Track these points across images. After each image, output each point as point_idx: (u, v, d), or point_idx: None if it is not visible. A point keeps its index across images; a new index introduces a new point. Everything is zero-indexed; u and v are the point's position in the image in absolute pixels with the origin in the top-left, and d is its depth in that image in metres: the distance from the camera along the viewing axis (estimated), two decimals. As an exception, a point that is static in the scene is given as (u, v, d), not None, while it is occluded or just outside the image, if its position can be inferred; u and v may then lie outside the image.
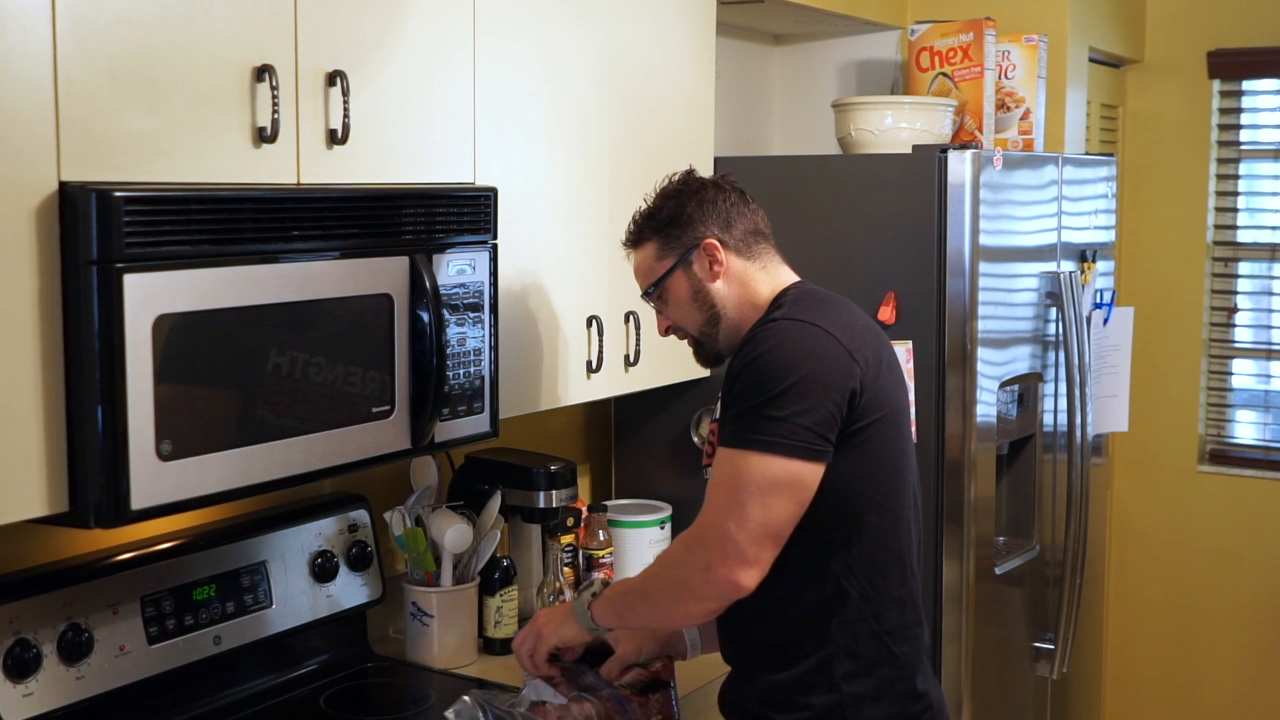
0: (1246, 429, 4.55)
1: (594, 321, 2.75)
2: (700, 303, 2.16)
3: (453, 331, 2.30)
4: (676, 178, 2.23)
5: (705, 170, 3.02)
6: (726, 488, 1.96)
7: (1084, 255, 3.49)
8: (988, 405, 3.06)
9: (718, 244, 2.14)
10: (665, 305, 2.21)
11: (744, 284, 2.16)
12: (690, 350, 2.26)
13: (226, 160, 1.96)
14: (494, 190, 2.41)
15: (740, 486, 1.94)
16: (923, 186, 2.98)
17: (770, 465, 1.93)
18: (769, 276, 2.17)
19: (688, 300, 2.17)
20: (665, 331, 2.25)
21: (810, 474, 1.95)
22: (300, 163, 2.07)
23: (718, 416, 2.13)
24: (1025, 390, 3.29)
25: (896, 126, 3.34)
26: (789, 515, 1.95)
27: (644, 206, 2.23)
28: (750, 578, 1.94)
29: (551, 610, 2.25)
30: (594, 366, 2.76)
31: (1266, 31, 4.27)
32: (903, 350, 3.01)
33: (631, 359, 2.87)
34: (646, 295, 2.22)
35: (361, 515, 2.65)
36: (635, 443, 3.37)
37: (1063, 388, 3.37)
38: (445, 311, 2.26)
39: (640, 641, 2.25)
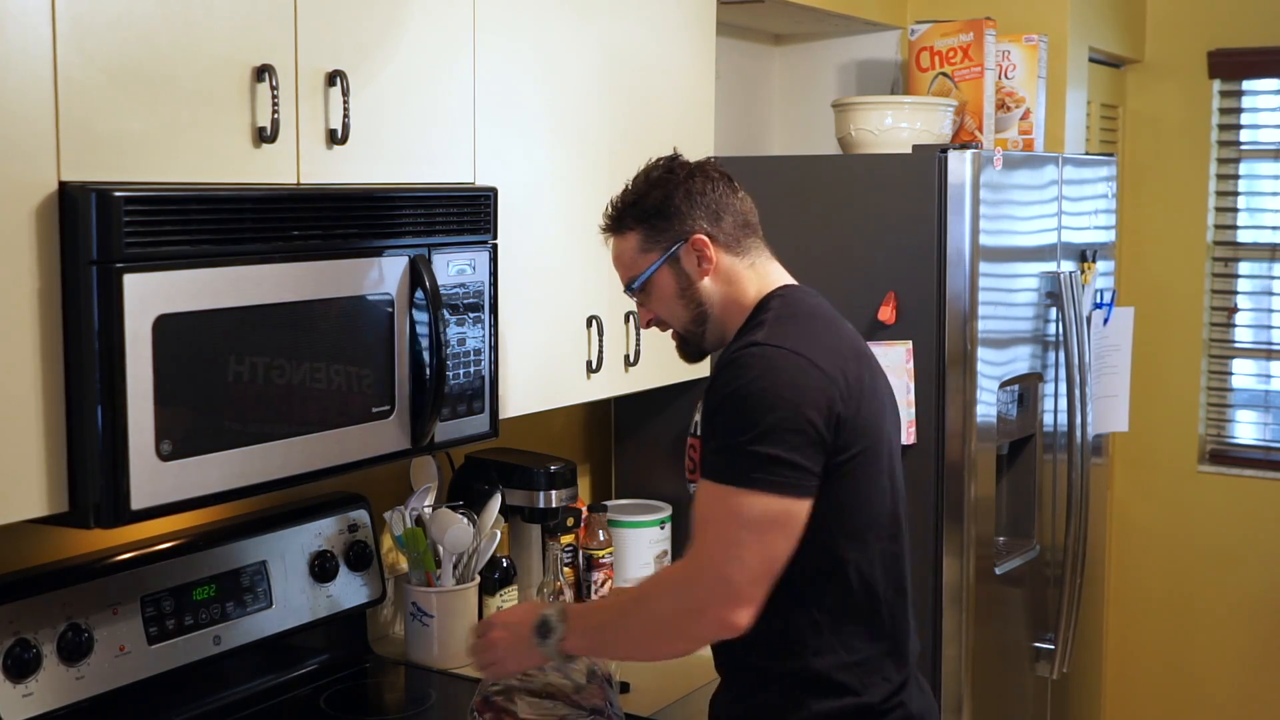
0: (1246, 429, 4.55)
1: (594, 321, 2.75)
2: (687, 300, 2.07)
3: (453, 331, 2.30)
4: (660, 162, 2.12)
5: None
6: (719, 527, 1.89)
7: (1084, 255, 3.49)
8: (988, 405, 3.06)
9: (707, 240, 2.04)
10: (649, 299, 2.11)
11: (731, 282, 2.06)
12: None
13: (226, 160, 1.96)
14: (494, 190, 2.41)
15: (735, 526, 1.88)
16: (923, 186, 2.98)
17: (765, 504, 1.86)
18: (756, 276, 2.08)
19: (673, 296, 2.08)
20: (648, 324, 2.16)
21: (801, 510, 1.89)
22: (300, 162, 2.07)
23: (696, 432, 2.05)
24: (1025, 390, 3.30)
25: (896, 126, 3.34)
26: (785, 553, 1.90)
27: (625, 191, 2.11)
28: (746, 617, 1.89)
29: (514, 639, 2.07)
30: (594, 366, 2.76)
31: (1266, 31, 4.27)
32: (903, 350, 3.01)
33: (631, 359, 2.87)
34: (630, 290, 2.11)
35: (361, 515, 2.65)
36: (635, 443, 3.37)
37: (1063, 388, 3.37)
38: (445, 311, 2.26)
39: None
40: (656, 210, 2.06)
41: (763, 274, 2.08)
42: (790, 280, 2.11)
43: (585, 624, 2.03)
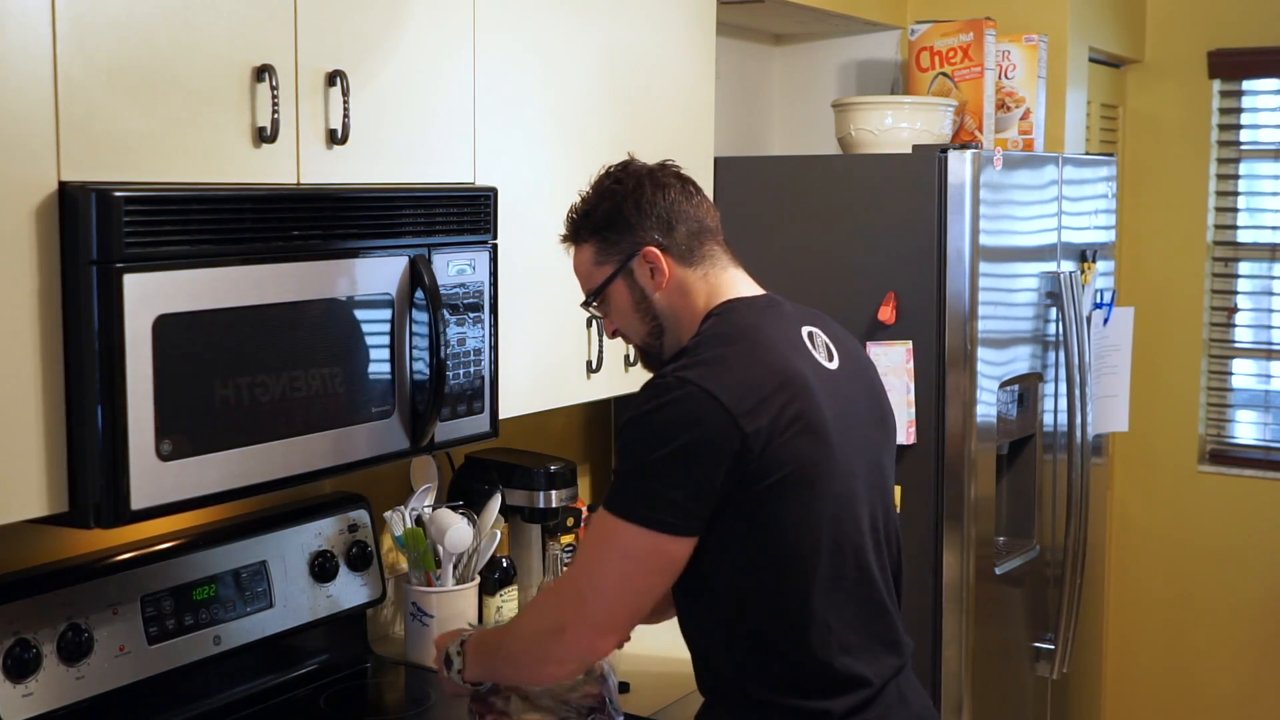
0: (1246, 429, 4.55)
1: (594, 322, 2.75)
2: (642, 313, 2.03)
3: (453, 331, 2.30)
4: (611, 170, 2.08)
5: (703, 169, 3.03)
6: (592, 552, 1.91)
7: (1084, 255, 3.49)
8: (988, 405, 3.06)
9: (659, 252, 1.99)
10: (608, 310, 2.07)
11: (684, 294, 2.01)
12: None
13: (226, 160, 1.96)
14: (494, 190, 2.41)
15: (606, 554, 1.88)
16: (923, 186, 2.98)
17: (639, 538, 1.84)
18: (707, 287, 2.01)
19: (629, 310, 2.04)
20: (613, 334, 2.12)
21: (676, 548, 1.85)
22: (300, 162, 2.07)
23: None
24: (1025, 390, 3.30)
25: (896, 126, 3.34)
26: (649, 588, 1.88)
27: (580, 200, 2.07)
28: (606, 643, 1.90)
29: (439, 668, 2.15)
30: (594, 366, 2.76)
31: (1266, 31, 4.27)
32: (903, 350, 3.01)
33: (631, 359, 2.86)
34: (587, 303, 2.08)
35: (361, 515, 2.65)
36: (635, 443, 3.37)
37: (1063, 388, 3.37)
38: (445, 311, 2.26)
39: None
40: (607, 222, 2.02)
41: (713, 285, 2.02)
42: (743, 290, 2.04)
43: (478, 652, 2.07)
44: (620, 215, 2.01)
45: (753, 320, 1.98)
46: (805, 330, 2.01)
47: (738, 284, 2.04)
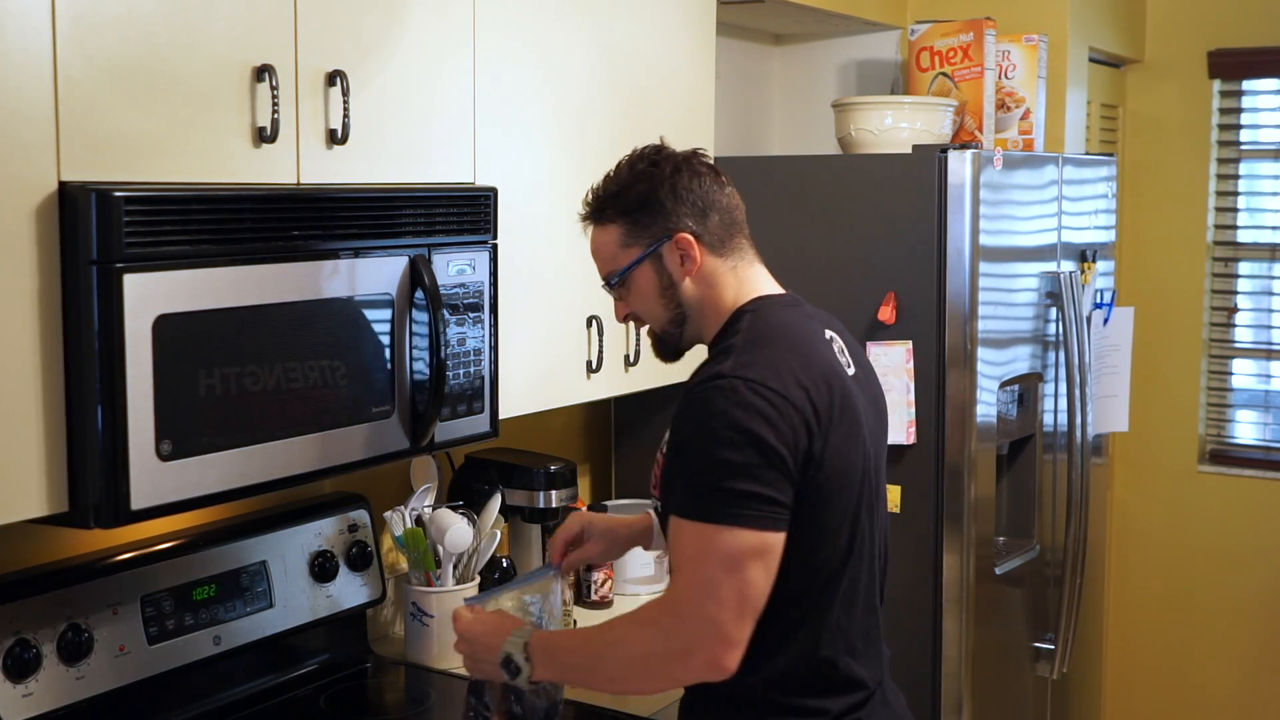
0: (1246, 429, 4.55)
1: (594, 321, 2.75)
2: (667, 300, 1.99)
3: (453, 331, 2.30)
4: (645, 152, 2.02)
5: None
6: (697, 566, 1.81)
7: (1084, 255, 3.49)
8: (988, 405, 3.06)
9: (692, 239, 1.95)
10: (627, 294, 2.02)
11: (711, 285, 1.97)
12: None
13: (226, 160, 1.96)
14: (494, 190, 2.41)
15: (712, 564, 1.79)
16: (923, 186, 2.99)
17: (742, 539, 1.78)
18: (736, 281, 1.98)
19: (653, 295, 1.99)
20: (625, 319, 2.09)
21: (778, 543, 1.81)
22: (300, 163, 2.07)
23: (665, 450, 1.95)
24: (1025, 390, 3.30)
25: (896, 126, 3.34)
26: (765, 587, 1.82)
27: (606, 179, 2.02)
28: (735, 659, 1.82)
29: (478, 662, 2.00)
30: (594, 366, 2.76)
31: (1266, 31, 4.27)
32: (903, 350, 3.01)
33: (631, 359, 2.87)
34: (608, 285, 2.03)
35: (361, 515, 2.65)
36: (635, 443, 3.37)
37: (1063, 388, 3.37)
38: (445, 311, 2.26)
39: (610, 544, 2.21)
40: (640, 204, 1.97)
41: (742, 279, 2.00)
42: (769, 287, 2.02)
43: (554, 662, 1.95)
44: (654, 198, 1.97)
45: (789, 319, 1.96)
46: (827, 334, 2.01)
47: (764, 281, 2.02)
